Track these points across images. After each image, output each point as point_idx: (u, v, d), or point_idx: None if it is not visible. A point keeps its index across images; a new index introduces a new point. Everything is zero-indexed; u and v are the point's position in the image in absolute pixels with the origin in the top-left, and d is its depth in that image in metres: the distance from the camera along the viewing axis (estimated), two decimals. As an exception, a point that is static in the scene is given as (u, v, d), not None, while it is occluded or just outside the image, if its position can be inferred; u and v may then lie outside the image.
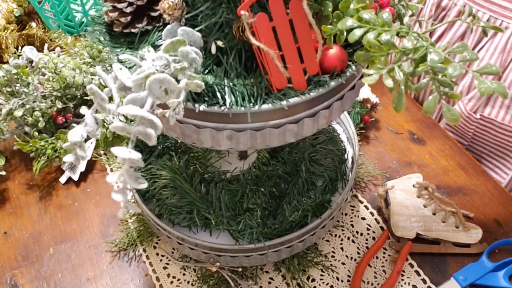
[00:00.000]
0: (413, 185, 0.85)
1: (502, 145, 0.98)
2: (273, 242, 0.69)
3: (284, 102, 0.50)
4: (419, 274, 0.77)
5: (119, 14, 0.56)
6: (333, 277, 0.77)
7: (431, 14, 0.99)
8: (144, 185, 0.44)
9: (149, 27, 0.56)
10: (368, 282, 0.77)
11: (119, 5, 0.56)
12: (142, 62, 0.47)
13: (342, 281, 0.77)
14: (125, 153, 0.42)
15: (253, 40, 0.47)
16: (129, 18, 0.56)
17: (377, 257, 0.79)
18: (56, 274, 0.79)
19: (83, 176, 0.92)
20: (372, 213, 0.85)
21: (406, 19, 0.49)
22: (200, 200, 0.73)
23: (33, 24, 1.13)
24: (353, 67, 0.53)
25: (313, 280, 0.77)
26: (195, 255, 0.73)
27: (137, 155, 0.42)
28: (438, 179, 0.90)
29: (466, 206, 0.85)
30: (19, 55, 0.95)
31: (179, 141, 0.82)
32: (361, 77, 0.58)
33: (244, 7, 0.46)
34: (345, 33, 0.50)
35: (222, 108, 0.50)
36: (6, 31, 1.09)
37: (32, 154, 0.89)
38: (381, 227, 0.83)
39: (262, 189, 0.75)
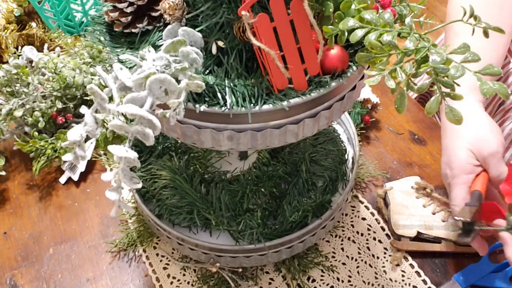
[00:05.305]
0: (412, 186, 0.85)
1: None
2: (274, 242, 0.69)
3: (284, 103, 0.50)
4: (419, 275, 0.77)
5: (120, 14, 0.56)
6: (334, 278, 0.77)
7: None
8: (138, 185, 0.44)
9: (150, 27, 0.56)
10: (368, 283, 0.76)
11: (120, 5, 0.56)
12: (143, 62, 0.47)
13: (342, 281, 0.77)
14: (122, 151, 0.42)
15: (254, 41, 0.47)
16: (129, 18, 0.56)
17: (377, 257, 0.79)
18: (56, 275, 0.78)
19: (83, 176, 0.92)
20: (372, 213, 0.85)
21: (407, 20, 0.49)
22: (200, 201, 0.73)
23: (33, 24, 1.13)
24: (354, 67, 0.53)
25: (314, 280, 0.77)
26: (195, 255, 0.73)
27: (134, 154, 0.42)
28: (439, 180, 0.90)
29: (466, 206, 0.85)
30: (19, 55, 0.95)
31: (179, 142, 0.82)
32: (362, 77, 0.58)
33: (245, 8, 0.46)
34: (346, 34, 0.50)
35: (223, 108, 0.49)
36: (6, 31, 1.09)
37: (32, 154, 0.89)
38: (382, 227, 0.83)
39: (263, 190, 0.75)
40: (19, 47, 1.03)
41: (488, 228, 0.68)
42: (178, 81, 0.45)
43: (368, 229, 0.83)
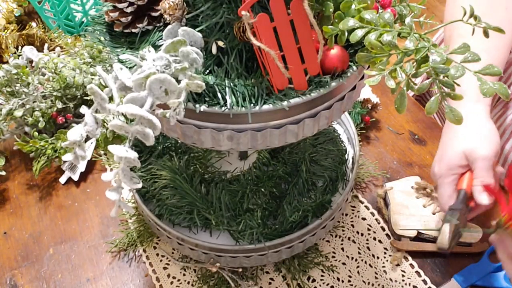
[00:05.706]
0: (412, 186, 0.85)
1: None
2: (274, 242, 0.69)
3: (285, 103, 0.50)
4: (419, 275, 0.77)
5: (120, 14, 0.56)
6: (334, 278, 0.77)
7: None
8: (138, 185, 0.44)
9: (150, 27, 0.56)
10: (368, 283, 0.76)
11: (120, 5, 0.56)
12: (143, 62, 0.47)
13: (342, 281, 0.77)
14: (122, 151, 0.42)
15: (254, 41, 0.47)
16: (129, 18, 0.56)
17: (377, 257, 0.79)
18: (56, 275, 0.78)
19: (83, 176, 0.92)
20: (372, 213, 0.85)
21: (407, 20, 0.49)
22: (200, 201, 0.73)
23: (33, 24, 1.13)
24: (354, 67, 0.53)
25: (314, 280, 0.77)
26: (195, 255, 0.73)
27: (134, 154, 0.42)
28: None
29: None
30: (19, 55, 0.95)
31: (179, 142, 0.82)
32: (362, 77, 0.58)
33: (245, 8, 0.46)
34: (346, 34, 0.50)
35: (223, 108, 0.49)
36: (6, 31, 1.09)
37: (32, 154, 0.89)
38: (382, 227, 0.83)
39: (263, 190, 0.75)
40: (19, 47, 1.03)
41: (468, 231, 0.71)
42: (178, 81, 0.45)
43: (368, 229, 0.83)
